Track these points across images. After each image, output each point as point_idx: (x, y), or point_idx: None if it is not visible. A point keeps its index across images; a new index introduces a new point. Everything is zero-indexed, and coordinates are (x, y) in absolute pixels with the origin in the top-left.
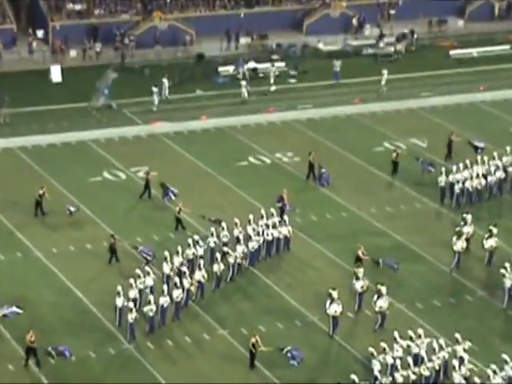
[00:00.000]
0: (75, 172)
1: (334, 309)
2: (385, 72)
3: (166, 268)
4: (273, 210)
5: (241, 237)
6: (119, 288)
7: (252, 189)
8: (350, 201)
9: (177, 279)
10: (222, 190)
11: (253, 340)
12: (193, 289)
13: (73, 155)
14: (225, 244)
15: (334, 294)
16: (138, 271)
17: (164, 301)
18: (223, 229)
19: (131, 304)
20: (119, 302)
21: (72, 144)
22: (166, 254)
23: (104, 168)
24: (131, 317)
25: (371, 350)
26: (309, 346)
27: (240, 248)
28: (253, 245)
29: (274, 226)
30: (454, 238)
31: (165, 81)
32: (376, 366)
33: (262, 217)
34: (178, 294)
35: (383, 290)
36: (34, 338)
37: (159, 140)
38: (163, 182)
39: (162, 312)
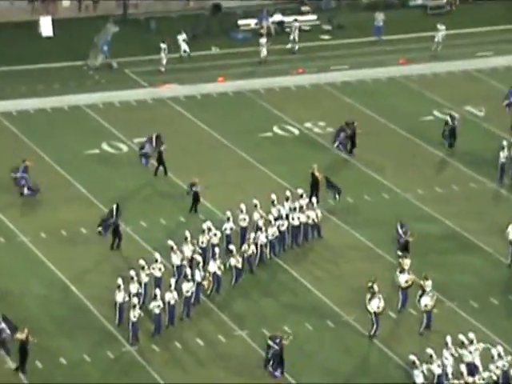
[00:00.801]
0: (68, 143)
1: (376, 304)
2: (442, 27)
3: (176, 258)
4: (300, 190)
5: (262, 222)
6: (119, 281)
7: (276, 165)
8: (392, 180)
9: (188, 271)
10: (241, 165)
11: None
12: (206, 283)
13: (65, 123)
14: (243, 228)
15: (376, 286)
16: (142, 261)
17: (171, 297)
18: (241, 211)
19: (134, 299)
20: (119, 296)
21: (65, 110)
22: (171, 243)
23: (102, 138)
24: (134, 314)
25: (412, 357)
26: (343, 350)
27: (261, 235)
28: (275, 231)
29: (302, 210)
30: (510, 227)
31: (179, 37)
32: (418, 378)
33: (288, 198)
34: (188, 287)
35: (428, 284)
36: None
37: (168, 106)
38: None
39: (169, 309)
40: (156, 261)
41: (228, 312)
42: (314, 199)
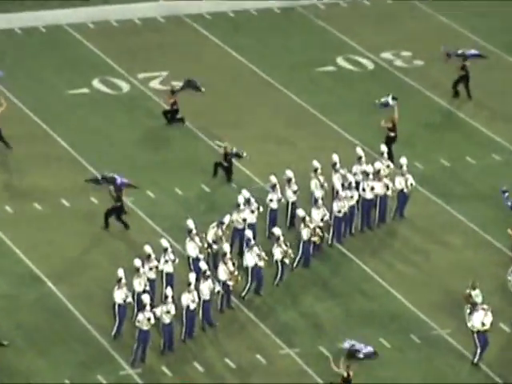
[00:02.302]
0: (46, 79)
1: (479, 319)
2: None
3: (192, 248)
4: (384, 147)
5: (320, 193)
6: (120, 273)
7: (341, 112)
8: (506, 135)
9: (202, 264)
10: (291, 113)
11: (343, 372)
12: (232, 281)
13: (41, 49)
14: (293, 203)
15: (476, 295)
16: (147, 248)
17: (189, 299)
18: (289, 181)
19: (145, 298)
20: (119, 295)
21: (40, 31)
22: (190, 224)
23: (93, 73)
24: (140, 320)
25: None
26: (435, 375)
27: (317, 213)
28: (341, 206)
29: (378, 176)
30: None
31: None
32: None
33: (360, 158)
34: (207, 288)
35: (476, 294)
36: None
37: (186, 26)
38: None
39: (187, 317)
40: (165, 250)
41: (271, 322)
42: (399, 161)
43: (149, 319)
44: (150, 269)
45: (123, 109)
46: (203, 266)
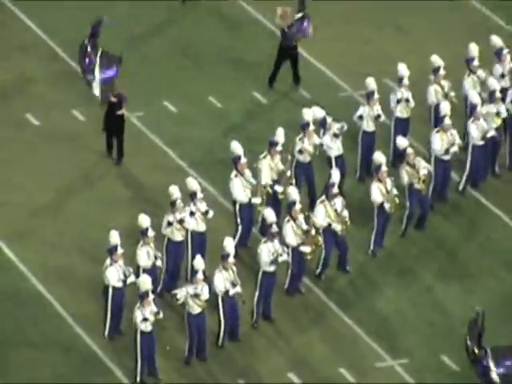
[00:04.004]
0: None
1: None
2: None
3: (238, 187)
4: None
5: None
6: (114, 237)
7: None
8: None
9: (271, 215)
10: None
11: None
12: (308, 248)
13: None
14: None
15: None
16: (173, 189)
17: (225, 279)
18: (401, 80)
19: (145, 280)
20: (113, 273)
21: None
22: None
23: None
24: (143, 315)
25: None
26: None
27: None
28: (482, 128)
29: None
30: None
31: None
32: None
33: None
34: (267, 253)
35: None
36: None
37: None
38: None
39: (230, 310)
40: (193, 196)
41: (360, 315)
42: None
43: (155, 315)
44: (169, 224)
45: None
46: (271, 215)
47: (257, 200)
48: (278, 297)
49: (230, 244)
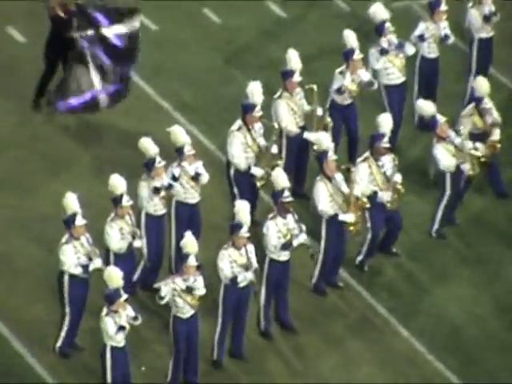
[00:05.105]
0: None
1: None
2: None
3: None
4: None
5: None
6: (71, 201)
7: None
8: None
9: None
10: None
11: None
12: (353, 227)
13: None
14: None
15: None
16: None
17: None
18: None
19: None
20: (69, 258)
21: None
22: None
23: None
24: (114, 328)
25: None
26: None
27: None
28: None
29: None
30: None
31: None
32: None
33: None
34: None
35: None
36: None
37: None
38: None
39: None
40: (180, 152)
41: (411, 315)
42: None
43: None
44: (157, 190)
45: None
46: (282, 178)
47: (258, 171)
48: (301, 296)
49: (243, 209)
